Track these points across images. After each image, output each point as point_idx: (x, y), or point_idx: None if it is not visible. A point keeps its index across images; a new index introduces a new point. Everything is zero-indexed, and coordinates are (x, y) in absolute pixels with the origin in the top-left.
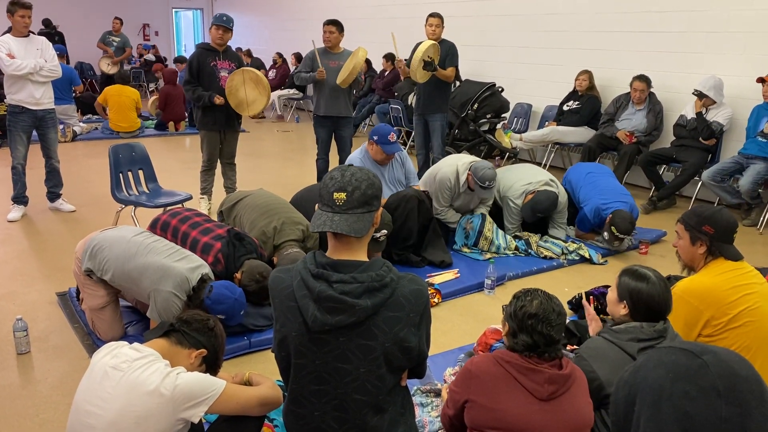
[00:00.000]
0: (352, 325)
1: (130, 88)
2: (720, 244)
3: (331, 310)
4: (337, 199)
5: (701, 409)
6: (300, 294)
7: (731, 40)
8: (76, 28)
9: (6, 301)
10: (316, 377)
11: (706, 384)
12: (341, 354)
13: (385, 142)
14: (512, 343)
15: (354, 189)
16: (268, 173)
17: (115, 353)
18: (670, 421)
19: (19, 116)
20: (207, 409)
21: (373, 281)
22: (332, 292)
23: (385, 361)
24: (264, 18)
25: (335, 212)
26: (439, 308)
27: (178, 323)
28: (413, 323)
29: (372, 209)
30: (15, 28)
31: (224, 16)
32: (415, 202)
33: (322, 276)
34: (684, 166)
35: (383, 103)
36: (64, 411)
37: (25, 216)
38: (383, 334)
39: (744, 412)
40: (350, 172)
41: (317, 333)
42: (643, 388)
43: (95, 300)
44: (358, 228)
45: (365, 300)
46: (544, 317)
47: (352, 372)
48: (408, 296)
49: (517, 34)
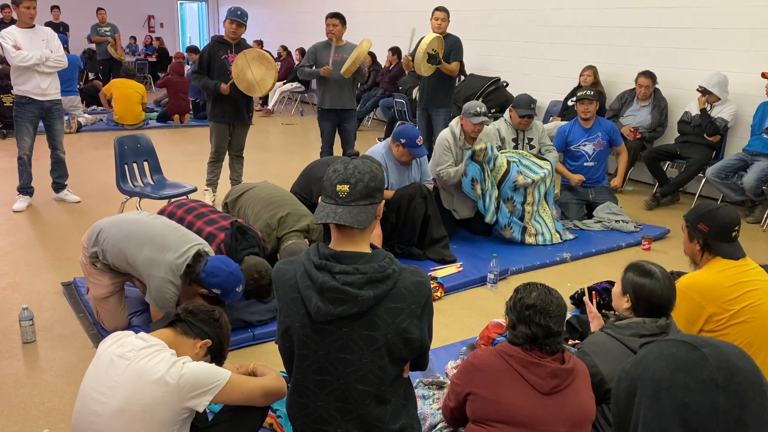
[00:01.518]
0: (354, 316)
1: (135, 82)
2: (716, 242)
3: (334, 301)
4: (341, 191)
5: (699, 401)
6: (303, 285)
7: (737, 36)
8: (84, 18)
9: (12, 291)
10: (319, 368)
11: (705, 376)
12: (344, 344)
13: (413, 146)
14: (512, 336)
15: (357, 181)
16: (272, 166)
17: (122, 342)
18: (669, 412)
19: (25, 107)
20: (212, 399)
21: (376, 272)
22: (335, 283)
23: (387, 351)
24: (269, 11)
25: (338, 204)
26: (441, 302)
27: (184, 313)
28: (415, 314)
29: (375, 201)
30: (20, 19)
31: (239, 11)
32: (419, 197)
33: (325, 267)
34: (688, 163)
35: (387, 96)
36: (69, 400)
37: (30, 206)
38: (385, 324)
39: (742, 405)
40: (353, 165)
41: (320, 323)
42: (643, 380)
43: (99, 290)
44: (361, 220)
45: (368, 291)
46: (542, 308)
47: (354, 362)
48: (410, 287)
49: (522, 29)
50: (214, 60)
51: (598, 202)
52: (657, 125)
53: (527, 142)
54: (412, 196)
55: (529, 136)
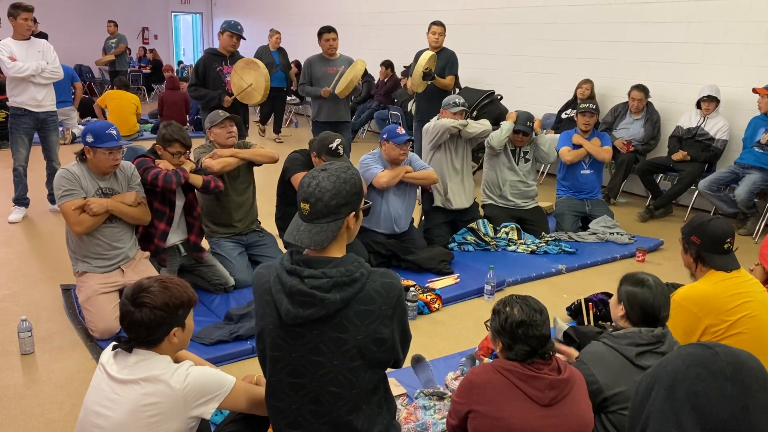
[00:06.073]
0: (323, 319)
1: (130, 93)
2: (708, 254)
3: (302, 304)
4: (303, 209)
5: (709, 388)
6: (275, 289)
7: (729, 50)
8: (75, 31)
9: (9, 302)
10: (292, 370)
11: (715, 368)
12: (315, 347)
13: (394, 136)
14: (510, 356)
15: (317, 200)
16: (266, 177)
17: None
18: (683, 399)
19: (21, 118)
20: (218, 405)
21: (342, 276)
22: (303, 287)
23: (360, 354)
24: (263, 24)
25: (302, 220)
26: (439, 313)
27: (138, 336)
28: (386, 315)
29: (339, 217)
30: (18, 31)
31: (238, 25)
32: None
33: (295, 272)
34: (681, 175)
35: (382, 109)
36: (69, 411)
37: (26, 217)
38: (355, 327)
39: (746, 393)
40: (316, 181)
41: (291, 326)
42: (661, 375)
43: (83, 293)
44: (319, 240)
45: (334, 294)
46: (530, 321)
47: (325, 364)
48: (379, 290)
49: (516, 42)
50: (209, 72)
51: (594, 215)
52: (650, 138)
53: (522, 156)
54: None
55: (525, 150)
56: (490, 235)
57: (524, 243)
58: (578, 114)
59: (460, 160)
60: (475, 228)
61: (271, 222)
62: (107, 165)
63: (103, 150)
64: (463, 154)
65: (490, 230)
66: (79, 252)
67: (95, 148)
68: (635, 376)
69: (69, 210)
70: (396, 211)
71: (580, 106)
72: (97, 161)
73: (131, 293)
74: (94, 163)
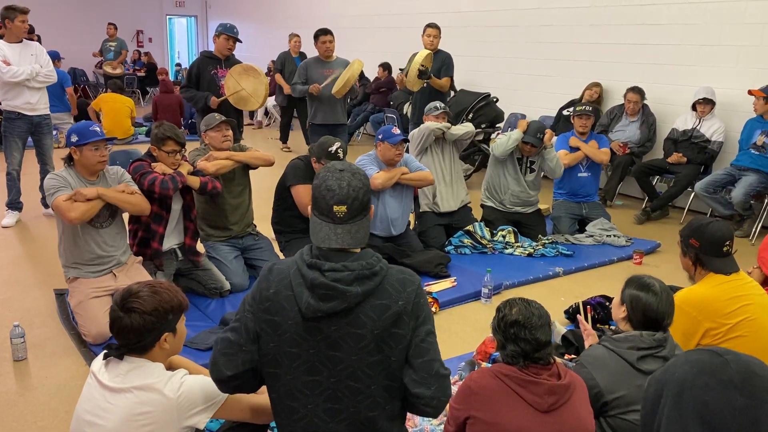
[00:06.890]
0: (342, 313)
1: (124, 96)
2: (707, 257)
3: (323, 297)
4: (338, 211)
5: (718, 399)
6: (296, 282)
7: (724, 53)
8: (69, 34)
9: (1, 308)
10: (310, 367)
11: (725, 377)
12: (333, 342)
13: (389, 136)
14: (504, 356)
15: (353, 200)
16: (262, 180)
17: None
18: (690, 409)
19: (15, 122)
20: (212, 415)
21: (364, 269)
22: (324, 280)
23: (378, 349)
24: (258, 26)
25: (336, 224)
26: (437, 317)
27: (128, 342)
28: (404, 311)
29: (368, 209)
30: (14, 33)
31: (234, 28)
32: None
33: (315, 265)
34: (677, 177)
35: (378, 112)
36: (62, 418)
37: (19, 222)
38: (371, 321)
39: (757, 405)
40: (346, 182)
41: (311, 320)
42: (669, 382)
43: (75, 298)
44: (360, 237)
45: (356, 287)
46: (525, 323)
47: (344, 359)
48: (395, 284)
49: (512, 45)
50: (202, 75)
51: (591, 218)
52: (646, 140)
53: (529, 165)
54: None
55: (532, 159)
56: (486, 237)
57: (521, 246)
58: (575, 116)
59: (448, 163)
60: (472, 231)
61: (267, 226)
62: (94, 161)
63: (89, 147)
64: (450, 157)
65: (486, 233)
66: (70, 259)
67: (81, 147)
68: (636, 380)
69: (60, 201)
70: (393, 213)
71: (577, 108)
72: (84, 160)
73: (120, 298)
74: (82, 164)
